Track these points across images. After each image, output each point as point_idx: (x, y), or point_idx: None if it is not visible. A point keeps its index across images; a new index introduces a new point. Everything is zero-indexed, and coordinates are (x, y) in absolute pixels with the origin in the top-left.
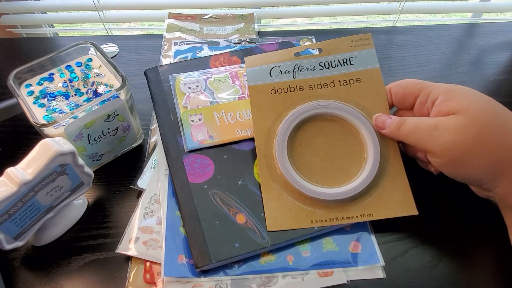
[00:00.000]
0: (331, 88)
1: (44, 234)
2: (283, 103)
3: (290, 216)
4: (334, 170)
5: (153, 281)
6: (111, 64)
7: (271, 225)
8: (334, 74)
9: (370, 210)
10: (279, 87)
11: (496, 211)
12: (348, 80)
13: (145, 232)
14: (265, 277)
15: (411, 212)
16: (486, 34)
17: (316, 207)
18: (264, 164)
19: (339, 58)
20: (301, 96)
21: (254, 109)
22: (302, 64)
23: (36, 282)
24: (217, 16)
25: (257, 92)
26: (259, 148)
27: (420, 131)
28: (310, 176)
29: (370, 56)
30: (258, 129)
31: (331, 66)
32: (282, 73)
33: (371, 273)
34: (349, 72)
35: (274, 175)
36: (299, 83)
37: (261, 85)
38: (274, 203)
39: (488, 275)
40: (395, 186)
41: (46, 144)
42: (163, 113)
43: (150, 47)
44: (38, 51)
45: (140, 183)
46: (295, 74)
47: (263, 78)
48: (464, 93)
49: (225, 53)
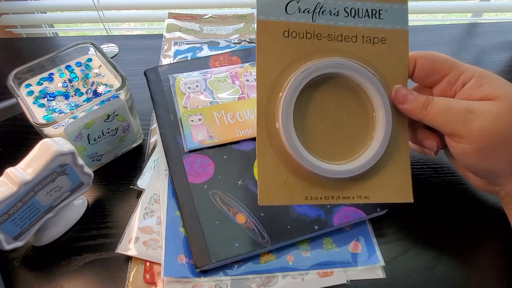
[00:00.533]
0: (352, 43)
1: (44, 234)
2: (295, 52)
3: (285, 189)
4: (337, 142)
5: (153, 281)
6: (111, 64)
7: (263, 198)
8: (359, 26)
9: (368, 192)
10: (294, 29)
11: (495, 211)
12: (372, 38)
13: (145, 232)
14: (265, 277)
15: (407, 199)
16: (486, 34)
17: (313, 182)
18: (264, 124)
19: (368, 7)
20: (317, 46)
21: (260, 52)
22: (326, 5)
23: (36, 282)
24: (217, 16)
25: (267, 30)
26: (260, 103)
27: (453, 112)
28: (311, 146)
29: (402, 13)
30: (261, 80)
31: (357, 15)
32: (300, 11)
33: (371, 273)
34: (376, 28)
35: (273, 139)
36: (318, 29)
37: (273, 21)
38: (269, 172)
39: (488, 275)
40: (397, 169)
41: (46, 144)
42: (163, 113)
43: (150, 47)
44: (37, 51)
45: (140, 183)
46: (315, 16)
47: (277, 13)
48: (498, 81)
49: (225, 53)
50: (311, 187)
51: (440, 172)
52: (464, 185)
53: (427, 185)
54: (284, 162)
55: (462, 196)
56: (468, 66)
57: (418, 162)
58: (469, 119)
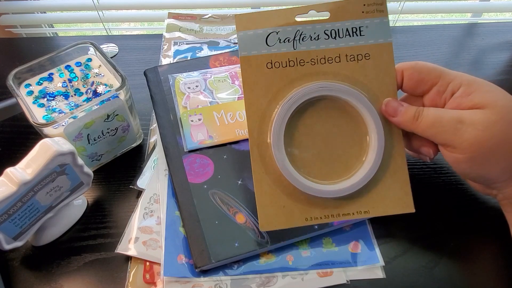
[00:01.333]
0: (336, 63)
1: (44, 234)
2: (281, 80)
3: (284, 214)
4: (332, 162)
5: (152, 281)
6: (111, 64)
7: (264, 225)
8: (341, 46)
9: (367, 206)
10: (277, 59)
11: (495, 211)
12: (356, 55)
13: (145, 232)
14: (264, 277)
15: (408, 210)
16: (486, 34)
17: (311, 204)
18: (257, 154)
19: (348, 27)
20: (301, 72)
21: (246, 88)
22: (305, 31)
23: (35, 282)
24: (217, 16)
25: (250, 65)
26: (252, 135)
27: (443, 124)
28: (306, 169)
29: (383, 26)
30: (250, 113)
31: (338, 35)
32: (280, 41)
33: (370, 273)
34: (358, 45)
35: (268, 167)
36: (300, 55)
37: (256, 56)
38: (267, 199)
39: (487, 275)
40: (394, 181)
41: (46, 144)
42: (163, 113)
43: (149, 47)
44: (37, 51)
45: (139, 183)
46: (296, 44)
47: (258, 47)
48: (487, 88)
49: (225, 53)
50: (310, 208)
51: (440, 172)
52: (464, 185)
53: (427, 185)
54: (281, 188)
55: (462, 196)
56: (456, 73)
57: (418, 162)
58: (459, 130)
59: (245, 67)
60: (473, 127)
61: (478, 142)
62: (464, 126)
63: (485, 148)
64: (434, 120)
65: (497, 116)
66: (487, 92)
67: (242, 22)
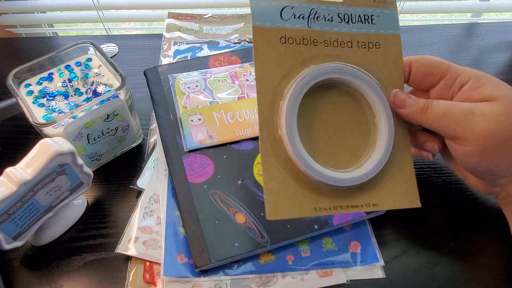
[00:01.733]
0: (348, 48)
1: (44, 234)
2: (294, 58)
3: (293, 202)
4: (341, 150)
5: (152, 281)
6: (111, 64)
7: (272, 212)
8: (353, 31)
9: (376, 199)
10: (291, 35)
11: (495, 211)
12: (367, 43)
13: (145, 232)
14: (264, 277)
15: (414, 204)
16: (486, 34)
17: (321, 193)
18: (266, 134)
19: (361, 13)
20: (314, 52)
21: (258, 61)
22: (320, 11)
23: (35, 282)
24: (217, 16)
25: (264, 37)
26: (262, 113)
27: (454, 115)
28: (315, 154)
29: (393, 18)
30: (261, 89)
31: (351, 20)
32: (295, 16)
33: (370, 273)
34: (369, 33)
35: (277, 150)
36: (314, 35)
37: (270, 28)
38: (275, 185)
39: (487, 275)
40: (402, 173)
41: (46, 144)
42: (163, 113)
43: (149, 47)
44: (37, 50)
45: (139, 183)
46: (310, 22)
47: (273, 19)
48: (496, 82)
49: (225, 53)
50: (319, 197)
51: (440, 172)
52: (463, 185)
53: (427, 185)
54: (290, 174)
55: (462, 196)
56: (464, 68)
57: (418, 162)
58: (471, 121)
59: (259, 39)
60: (485, 118)
61: (489, 134)
62: (476, 118)
63: (496, 139)
64: (444, 111)
65: (508, 109)
66: (497, 86)
67: None
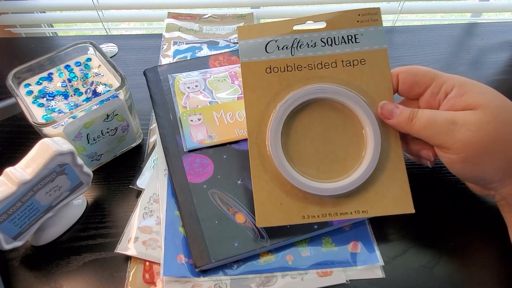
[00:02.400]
0: (332, 68)
1: (43, 234)
2: (279, 84)
3: (281, 211)
4: (330, 161)
5: (152, 281)
6: (110, 64)
7: (261, 220)
8: (337, 52)
9: (365, 206)
10: (276, 65)
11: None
12: (351, 61)
13: (144, 232)
14: (264, 277)
15: (407, 210)
16: (485, 34)
17: (308, 202)
18: (256, 152)
19: (344, 34)
20: (299, 76)
21: (246, 89)
22: (302, 39)
23: (35, 282)
24: (217, 16)
25: (251, 70)
26: (251, 134)
27: (437, 125)
28: (304, 168)
29: (378, 34)
30: (250, 113)
31: (334, 43)
32: (279, 48)
33: (370, 273)
34: (354, 51)
35: (266, 166)
36: (298, 61)
37: (256, 62)
38: (264, 196)
39: (487, 275)
40: (393, 181)
41: (45, 144)
42: (163, 113)
43: (149, 47)
44: (37, 50)
45: (139, 183)
46: (293, 50)
47: (258, 54)
48: (480, 89)
49: (225, 53)
50: (308, 206)
51: (440, 172)
52: (463, 185)
53: (427, 185)
54: (279, 186)
55: (462, 196)
56: (449, 76)
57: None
58: (453, 131)
59: (246, 71)
60: (466, 127)
61: (471, 143)
62: (457, 127)
63: (478, 148)
64: (428, 121)
65: (490, 117)
66: (480, 93)
67: (244, 32)
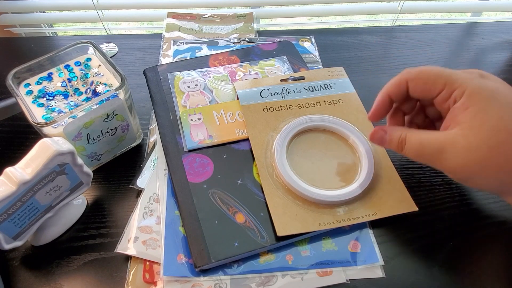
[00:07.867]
0: (317, 107)
1: (43, 234)
2: (276, 120)
3: (298, 220)
4: (332, 175)
5: (152, 280)
6: (110, 64)
7: (281, 230)
8: (318, 95)
9: (374, 209)
10: (271, 106)
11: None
12: (332, 100)
13: (144, 232)
14: (264, 277)
15: (411, 209)
16: (485, 34)
17: (321, 211)
18: (266, 174)
19: (320, 84)
20: (291, 113)
21: (249, 126)
22: (289, 88)
23: (35, 281)
24: (216, 16)
25: (250, 110)
26: (259, 160)
27: (427, 153)
28: (311, 181)
29: (346, 83)
30: (255, 143)
31: (314, 89)
32: (271, 94)
33: (370, 273)
34: (331, 94)
35: (277, 184)
36: (289, 102)
37: (253, 104)
38: (280, 210)
39: (487, 275)
40: (391, 187)
41: (45, 143)
42: (162, 112)
43: (149, 47)
44: (37, 50)
45: (139, 183)
46: (283, 95)
47: (255, 98)
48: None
49: (224, 53)
50: (322, 215)
51: (440, 172)
52: (463, 185)
53: (427, 184)
54: (292, 198)
55: (462, 195)
56: (462, 80)
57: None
58: (443, 159)
59: (246, 112)
60: (455, 154)
61: (460, 167)
62: (446, 155)
63: (470, 172)
64: (418, 149)
65: (480, 141)
66: (480, 111)
67: (240, 85)
